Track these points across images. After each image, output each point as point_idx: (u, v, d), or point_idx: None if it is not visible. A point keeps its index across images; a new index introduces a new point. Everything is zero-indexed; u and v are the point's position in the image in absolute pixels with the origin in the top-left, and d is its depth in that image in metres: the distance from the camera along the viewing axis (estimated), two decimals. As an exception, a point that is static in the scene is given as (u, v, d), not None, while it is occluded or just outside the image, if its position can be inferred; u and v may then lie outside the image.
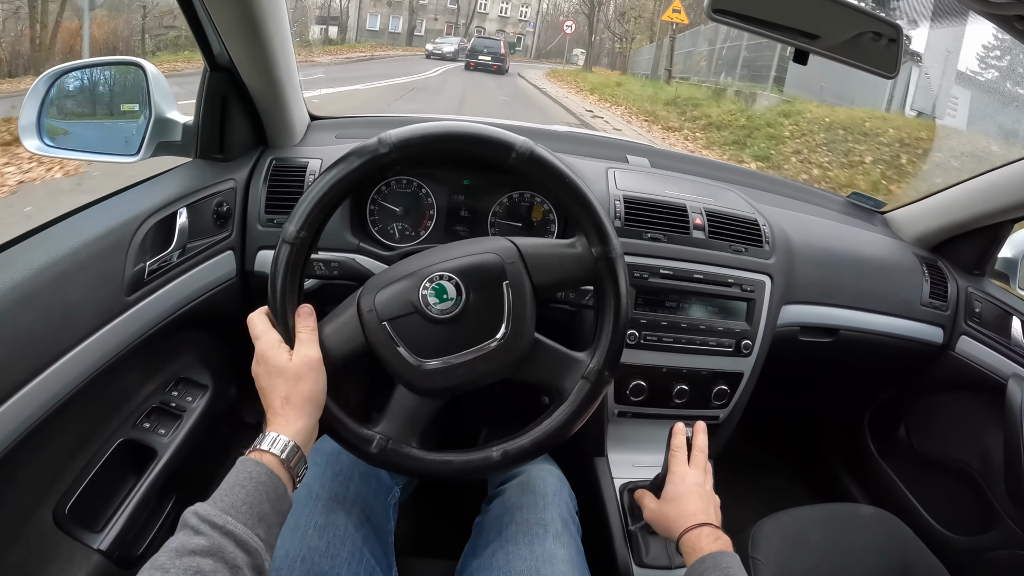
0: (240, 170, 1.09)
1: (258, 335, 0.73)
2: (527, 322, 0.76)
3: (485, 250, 0.77)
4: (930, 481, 1.43)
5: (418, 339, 0.74)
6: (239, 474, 0.62)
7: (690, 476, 0.88)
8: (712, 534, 0.78)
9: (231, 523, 0.57)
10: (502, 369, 0.76)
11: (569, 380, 0.79)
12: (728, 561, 0.73)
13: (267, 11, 0.91)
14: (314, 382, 0.70)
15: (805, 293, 1.23)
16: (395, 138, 0.73)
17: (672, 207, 1.14)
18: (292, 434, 0.66)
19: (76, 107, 1.10)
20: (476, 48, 21.71)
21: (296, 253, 0.73)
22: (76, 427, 0.87)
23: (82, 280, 0.80)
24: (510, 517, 0.89)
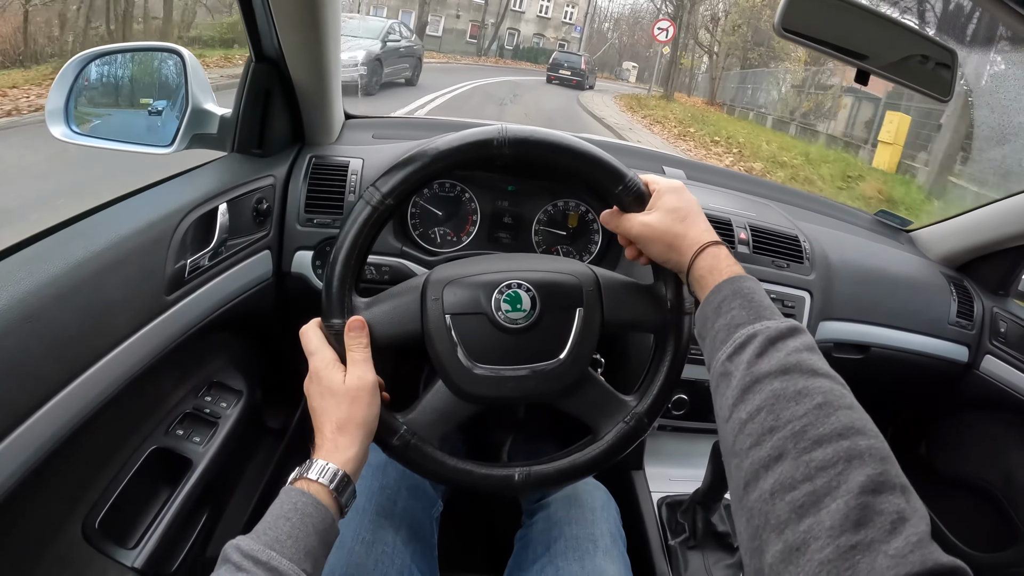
0: (279, 167, 1.05)
1: (312, 351, 0.69)
2: (587, 353, 0.74)
3: (565, 271, 0.75)
4: (951, 499, 1.44)
5: (477, 341, 0.71)
6: (284, 505, 0.58)
7: (684, 189, 0.73)
8: (729, 256, 0.67)
9: (275, 559, 0.53)
10: (549, 393, 0.74)
11: (609, 420, 0.76)
12: (750, 286, 0.62)
13: (328, 3, 0.87)
14: (368, 406, 0.66)
15: (841, 310, 1.23)
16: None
17: (718, 221, 1.13)
18: (342, 463, 0.63)
19: (108, 93, 1.05)
20: (557, 62, 21.54)
21: (376, 218, 0.69)
22: (107, 434, 0.82)
23: (122, 277, 0.74)
24: (558, 532, 0.87)
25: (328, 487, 0.61)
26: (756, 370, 0.53)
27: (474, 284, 0.72)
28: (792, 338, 0.55)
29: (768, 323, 0.57)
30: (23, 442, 0.60)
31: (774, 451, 0.48)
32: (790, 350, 0.54)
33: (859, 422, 0.48)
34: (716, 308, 0.62)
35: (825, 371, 0.53)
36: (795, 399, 0.50)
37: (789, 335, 0.55)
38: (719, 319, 0.60)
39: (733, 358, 0.56)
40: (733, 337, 0.58)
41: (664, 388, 0.76)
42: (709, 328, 0.62)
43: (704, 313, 0.63)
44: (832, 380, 0.52)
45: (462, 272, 0.74)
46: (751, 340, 0.56)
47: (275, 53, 0.96)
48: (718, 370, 0.58)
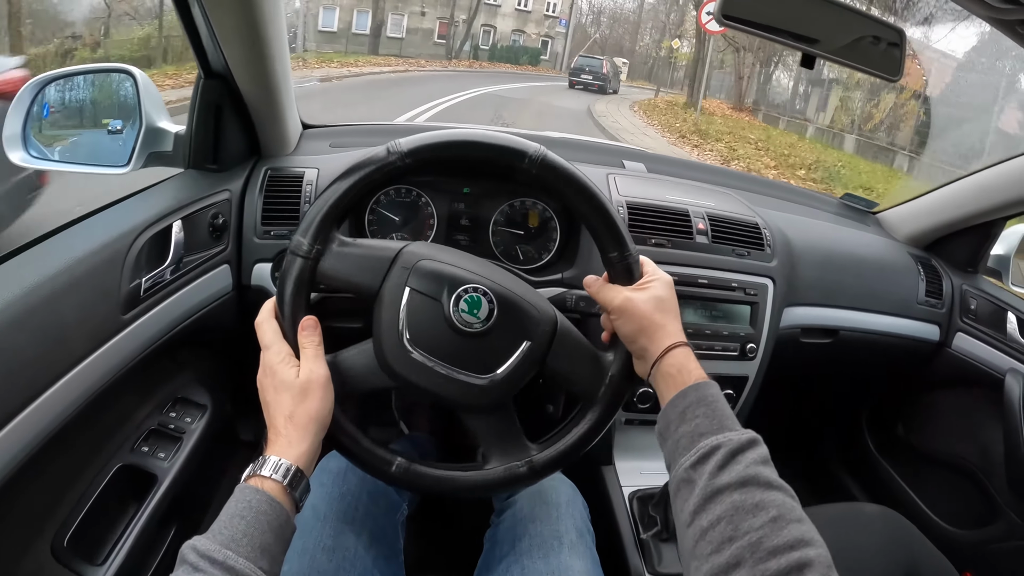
0: (234, 181, 1.06)
1: (267, 344, 0.69)
2: (516, 384, 0.74)
3: (533, 302, 0.75)
4: (930, 477, 1.44)
5: (423, 327, 0.71)
6: (238, 503, 0.59)
7: (672, 285, 0.76)
8: (696, 361, 0.69)
9: (232, 558, 0.54)
10: (464, 405, 0.74)
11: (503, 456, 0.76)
12: (714, 394, 0.65)
13: (267, 15, 0.88)
14: (321, 400, 0.66)
15: (806, 295, 1.23)
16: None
17: (675, 212, 1.13)
18: (295, 457, 0.63)
19: (63, 117, 1.06)
20: (578, 67, 21.34)
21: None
22: (73, 453, 0.83)
23: (77, 298, 0.75)
24: (523, 530, 0.87)
25: (282, 483, 0.61)
26: (717, 482, 0.57)
27: (445, 273, 0.73)
28: (751, 450, 0.59)
29: (730, 435, 0.60)
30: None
31: (732, 559, 0.53)
32: (748, 462, 0.58)
33: (808, 534, 0.54)
34: (681, 413, 0.64)
35: (778, 484, 0.58)
36: (752, 512, 0.54)
37: (748, 447, 0.59)
38: (683, 425, 0.63)
39: (696, 467, 0.59)
40: (697, 446, 0.61)
41: (569, 451, 0.76)
42: (672, 431, 0.64)
43: (668, 416, 0.66)
44: (784, 493, 0.57)
45: (441, 257, 0.74)
46: (714, 452, 0.59)
47: (223, 68, 0.97)
48: (681, 476, 0.61)
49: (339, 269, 0.72)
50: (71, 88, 1.04)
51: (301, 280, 0.70)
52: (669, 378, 0.68)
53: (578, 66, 21.63)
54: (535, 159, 0.72)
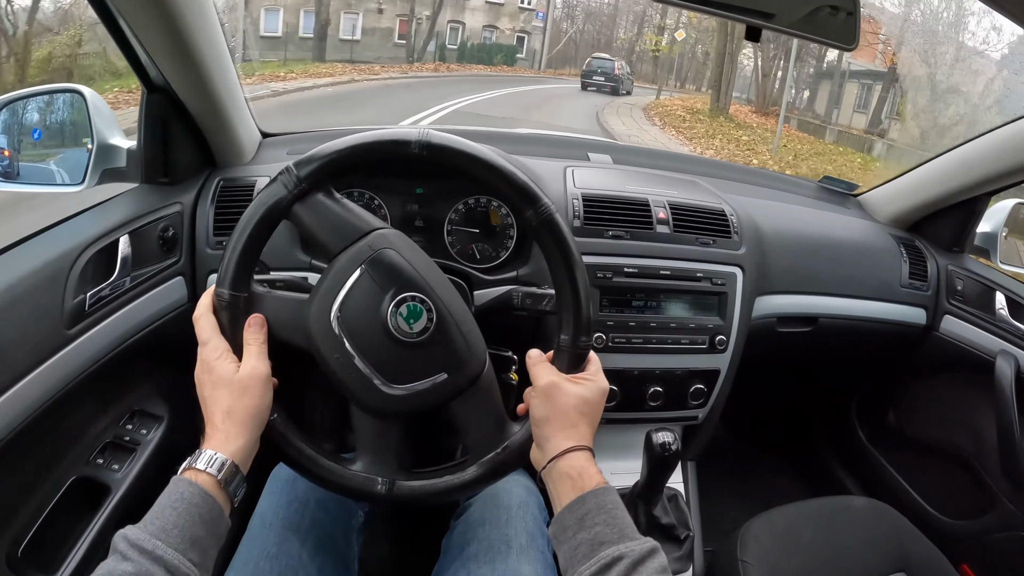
0: (187, 193, 1.06)
1: (205, 340, 0.69)
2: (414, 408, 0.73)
3: (471, 341, 0.74)
4: (923, 466, 1.39)
5: (355, 311, 0.70)
6: (171, 495, 0.59)
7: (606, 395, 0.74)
8: (598, 469, 0.67)
9: (160, 548, 0.54)
10: (356, 402, 0.73)
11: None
12: (613, 500, 0.64)
13: (195, 28, 0.88)
14: (259, 397, 0.66)
15: (780, 283, 1.20)
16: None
17: (634, 202, 1.11)
18: (231, 452, 0.63)
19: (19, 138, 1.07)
20: (590, 69, 20.82)
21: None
22: (27, 467, 0.83)
23: (17, 317, 0.76)
24: (472, 534, 0.86)
25: (216, 477, 0.61)
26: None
27: (402, 271, 0.71)
28: (652, 559, 0.58)
29: (631, 544, 0.59)
30: None
31: None
32: (650, 572, 0.57)
33: None
34: (580, 520, 0.62)
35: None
36: None
37: (649, 557, 0.58)
38: (582, 532, 0.62)
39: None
40: (598, 555, 0.59)
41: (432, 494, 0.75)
42: (570, 537, 0.62)
43: (565, 521, 0.64)
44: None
45: (408, 255, 0.73)
46: (616, 562, 0.58)
47: (163, 83, 0.97)
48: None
49: (311, 221, 0.71)
50: (23, 110, 1.05)
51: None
52: (568, 479, 0.65)
53: (590, 68, 21.35)
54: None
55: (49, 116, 1.08)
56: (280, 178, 0.70)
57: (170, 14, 0.83)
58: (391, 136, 0.71)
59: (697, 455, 1.20)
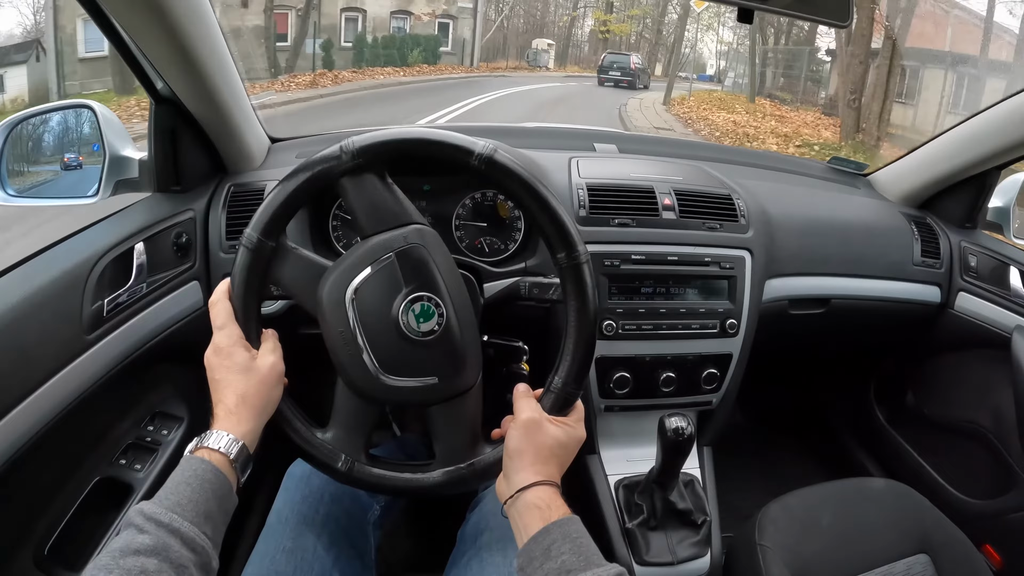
0: (198, 200, 1.08)
1: (220, 325, 0.72)
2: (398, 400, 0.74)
3: (470, 356, 0.76)
4: (943, 446, 1.38)
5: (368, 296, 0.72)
6: (184, 472, 0.61)
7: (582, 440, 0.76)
8: (561, 499, 0.68)
9: (177, 520, 0.56)
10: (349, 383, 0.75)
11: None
12: (578, 529, 0.65)
13: (198, 38, 0.89)
14: (273, 388, 0.70)
15: (790, 265, 1.19)
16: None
17: (638, 190, 1.11)
18: (242, 434, 0.66)
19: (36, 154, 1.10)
20: (605, 65, 20.80)
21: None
22: (52, 468, 0.86)
23: (38, 324, 0.79)
24: (485, 523, 0.88)
25: (227, 456, 0.64)
26: None
27: (426, 273, 0.73)
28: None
29: (598, 571, 0.59)
30: None
31: None
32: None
33: None
34: (546, 550, 0.63)
35: None
36: None
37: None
38: (548, 562, 0.62)
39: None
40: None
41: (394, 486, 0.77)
42: (536, 568, 0.63)
43: (531, 552, 0.64)
44: None
45: (438, 258, 0.75)
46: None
47: (169, 94, 0.99)
48: None
49: (356, 198, 0.74)
50: (38, 127, 1.08)
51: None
52: (535, 510, 0.66)
53: (605, 64, 21.34)
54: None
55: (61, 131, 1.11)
56: (339, 148, 0.72)
57: (172, 27, 0.85)
58: (457, 141, 0.73)
59: (713, 440, 1.20)
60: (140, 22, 0.85)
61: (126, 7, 0.82)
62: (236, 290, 0.73)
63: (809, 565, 0.93)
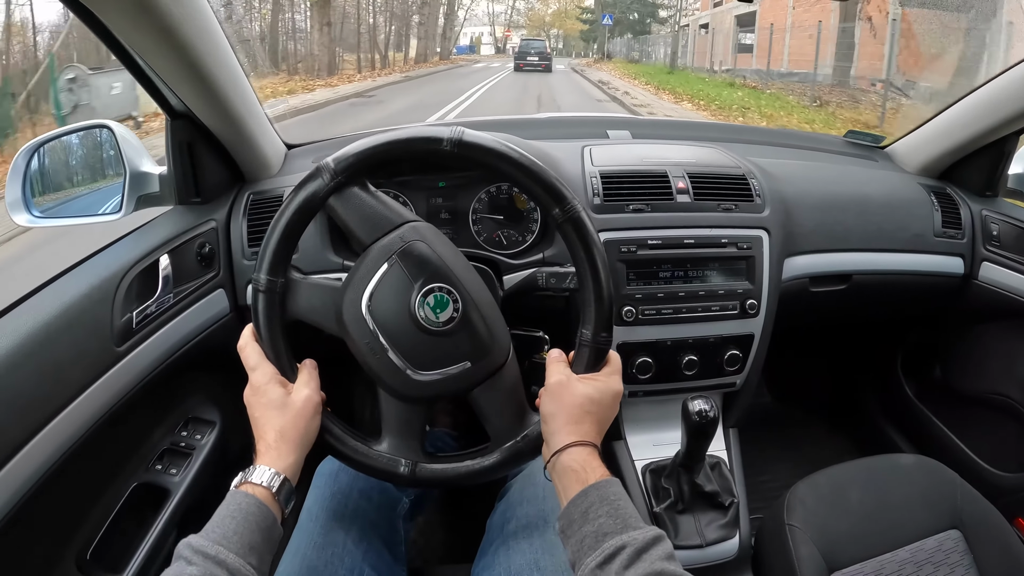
0: (219, 210, 1.10)
1: (253, 366, 0.74)
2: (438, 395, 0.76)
3: (495, 333, 0.76)
4: (973, 420, 1.36)
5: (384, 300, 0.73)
6: (229, 506, 0.64)
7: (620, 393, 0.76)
8: (601, 462, 0.69)
9: (223, 552, 0.59)
10: (384, 387, 0.76)
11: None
12: (616, 491, 0.65)
13: (206, 53, 0.90)
14: (310, 420, 0.73)
15: (809, 242, 1.18)
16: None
17: (652, 175, 1.11)
18: (283, 468, 0.68)
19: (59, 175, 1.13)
20: (523, 50, 23.11)
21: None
22: (91, 476, 0.89)
23: (70, 338, 0.82)
24: (511, 512, 0.89)
25: (270, 490, 0.66)
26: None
27: (431, 263, 0.74)
28: (656, 547, 0.59)
29: (634, 534, 0.60)
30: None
31: None
32: (654, 559, 0.57)
33: None
34: (584, 513, 0.63)
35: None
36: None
37: (653, 544, 0.59)
38: (586, 525, 0.63)
39: (604, 567, 0.59)
40: (602, 546, 0.60)
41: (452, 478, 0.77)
42: (575, 531, 0.64)
43: (570, 514, 0.65)
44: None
45: (437, 248, 0.76)
46: (619, 551, 0.59)
47: (183, 109, 1.01)
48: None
49: (346, 213, 0.75)
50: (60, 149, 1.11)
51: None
52: (572, 473, 0.67)
53: (522, 50, 23.64)
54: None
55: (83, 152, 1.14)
56: (318, 172, 0.74)
57: (181, 44, 0.86)
58: (424, 134, 0.74)
59: (739, 422, 1.20)
60: (149, 42, 0.86)
61: (134, 29, 0.83)
62: (261, 332, 0.75)
63: (839, 543, 0.93)
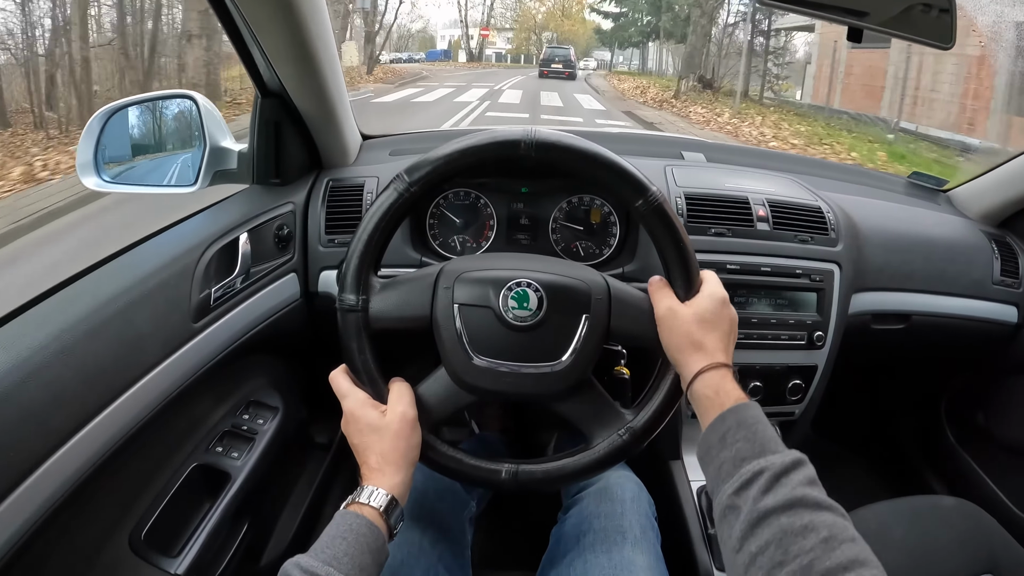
0: (298, 193, 1.10)
1: (344, 394, 0.73)
2: (589, 359, 0.74)
3: (577, 276, 0.75)
4: (1013, 469, 1.37)
5: (481, 334, 0.73)
6: (339, 526, 0.63)
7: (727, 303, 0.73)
8: (734, 382, 0.68)
9: (333, 574, 0.58)
10: (546, 395, 0.75)
11: (603, 430, 0.77)
12: (754, 415, 0.64)
13: (315, 34, 0.90)
14: (409, 438, 0.71)
15: (875, 280, 1.19)
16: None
17: (734, 200, 1.11)
18: (390, 487, 0.68)
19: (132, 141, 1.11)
20: (547, 58, 22.85)
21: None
22: (150, 454, 0.87)
23: (149, 309, 0.80)
24: (587, 525, 0.88)
25: (378, 510, 0.66)
26: (763, 505, 0.55)
27: (484, 279, 0.74)
28: (796, 471, 0.57)
29: (772, 458, 0.58)
30: (64, 462, 0.66)
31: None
32: (794, 484, 0.56)
33: (862, 554, 0.51)
34: (721, 438, 0.63)
35: (828, 504, 0.55)
36: (802, 534, 0.52)
37: (793, 468, 0.57)
38: (724, 450, 0.62)
39: (740, 493, 0.58)
40: (740, 472, 0.59)
41: (663, 406, 0.76)
42: (714, 457, 0.63)
43: (708, 440, 0.65)
44: (835, 513, 0.54)
45: (475, 266, 0.76)
46: (758, 476, 0.57)
47: (278, 87, 1.00)
48: (725, 503, 0.59)
49: (388, 309, 0.74)
50: (138, 115, 1.09)
51: (359, 331, 0.74)
52: (707, 399, 0.66)
53: (549, 56, 23.23)
54: (530, 143, 0.72)
55: (163, 120, 1.12)
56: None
57: (295, 22, 0.87)
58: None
59: None
60: (266, 15, 0.86)
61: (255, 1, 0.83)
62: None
63: None
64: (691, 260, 0.74)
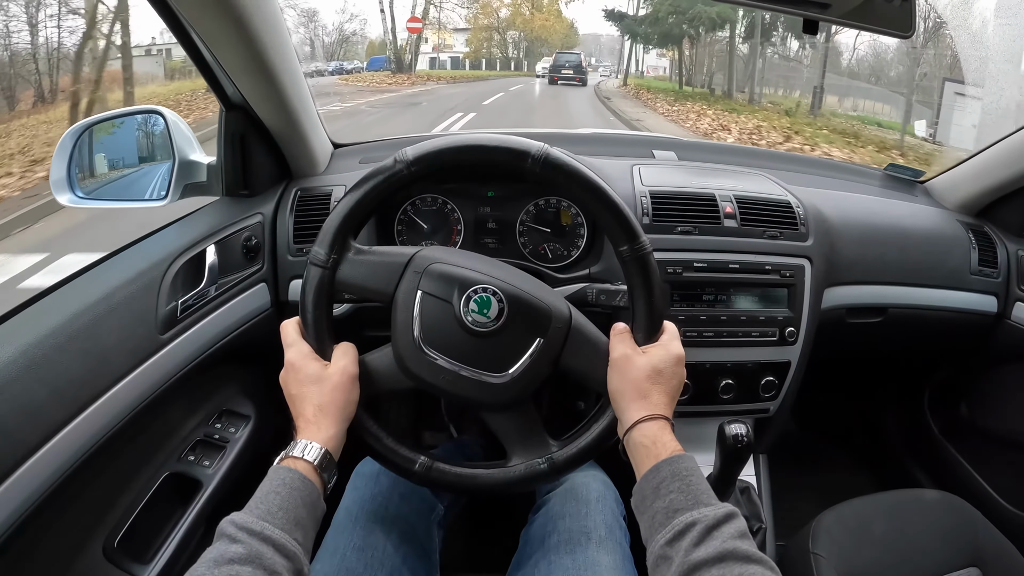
0: (266, 204, 1.10)
1: (290, 343, 0.74)
2: (533, 381, 0.75)
3: (544, 299, 0.76)
4: (997, 459, 1.36)
5: (435, 327, 0.74)
6: (273, 481, 0.63)
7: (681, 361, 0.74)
8: (673, 435, 0.68)
9: (268, 528, 0.58)
10: (483, 404, 0.76)
11: (525, 453, 0.78)
12: (689, 467, 0.64)
13: (272, 47, 0.91)
14: (349, 392, 0.72)
15: (848, 273, 1.19)
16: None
17: (701, 198, 1.11)
18: (324, 441, 0.68)
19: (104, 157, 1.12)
20: (557, 64, 22.26)
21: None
22: (123, 463, 0.89)
23: (115, 322, 0.82)
24: (552, 526, 0.88)
25: (313, 463, 0.66)
26: (695, 557, 0.56)
27: (453, 276, 0.75)
28: (727, 524, 0.58)
29: (705, 510, 0.59)
30: (33, 473, 0.67)
31: None
32: (726, 537, 0.56)
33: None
34: (655, 488, 0.63)
35: (758, 557, 0.56)
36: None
37: (725, 521, 0.58)
38: (657, 500, 0.62)
39: (673, 543, 0.59)
40: (672, 523, 0.60)
41: (591, 446, 0.77)
42: (648, 506, 0.63)
43: (643, 490, 0.65)
44: (764, 566, 0.55)
45: (449, 260, 0.77)
46: (690, 528, 0.58)
47: (240, 100, 1.01)
48: (657, 553, 0.60)
49: (355, 276, 0.75)
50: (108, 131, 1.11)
51: (320, 287, 0.74)
52: (643, 448, 0.67)
53: (559, 62, 22.60)
54: (538, 158, 0.73)
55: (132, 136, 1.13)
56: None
57: (247, 35, 0.87)
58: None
59: (769, 448, 1.20)
60: (218, 30, 0.87)
61: (205, 16, 0.83)
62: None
63: (862, 575, 0.93)
64: (659, 312, 0.75)
